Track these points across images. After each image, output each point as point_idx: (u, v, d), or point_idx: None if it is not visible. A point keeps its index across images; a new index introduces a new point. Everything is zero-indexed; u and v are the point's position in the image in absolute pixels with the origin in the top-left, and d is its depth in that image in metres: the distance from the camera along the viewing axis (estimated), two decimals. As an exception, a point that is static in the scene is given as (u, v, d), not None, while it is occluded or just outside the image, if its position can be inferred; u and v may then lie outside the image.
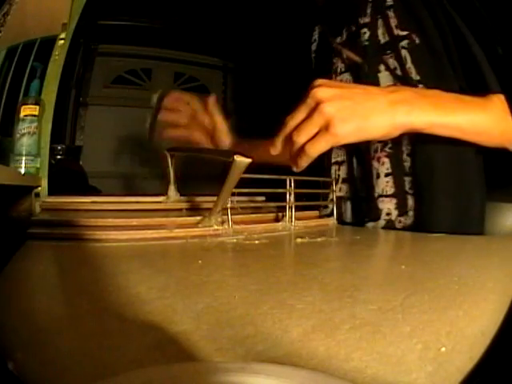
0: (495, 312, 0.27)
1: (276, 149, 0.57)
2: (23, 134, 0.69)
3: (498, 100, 0.49)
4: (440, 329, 0.24)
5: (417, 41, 0.59)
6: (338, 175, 0.74)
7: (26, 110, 0.70)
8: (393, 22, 0.60)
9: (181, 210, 0.71)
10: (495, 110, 0.49)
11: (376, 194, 0.66)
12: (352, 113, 0.48)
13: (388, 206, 0.64)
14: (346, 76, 0.67)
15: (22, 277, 0.36)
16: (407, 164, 0.63)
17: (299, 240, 0.57)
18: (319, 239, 0.58)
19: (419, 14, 0.59)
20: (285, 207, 0.69)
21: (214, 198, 0.59)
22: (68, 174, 1.42)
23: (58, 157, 1.49)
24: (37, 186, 0.68)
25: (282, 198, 0.70)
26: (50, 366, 0.20)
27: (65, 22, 0.75)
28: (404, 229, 0.64)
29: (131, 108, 1.99)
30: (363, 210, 0.68)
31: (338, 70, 0.69)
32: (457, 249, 0.57)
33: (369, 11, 0.63)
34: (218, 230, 0.59)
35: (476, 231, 0.62)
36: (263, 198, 0.85)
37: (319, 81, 0.51)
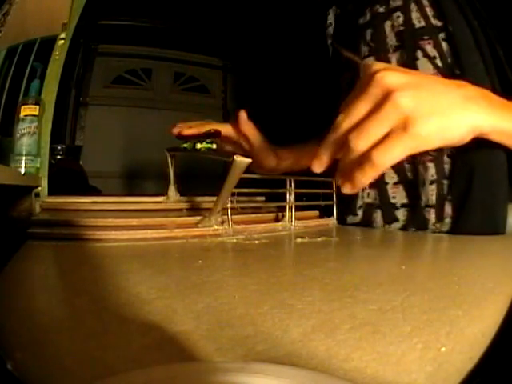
0: (495, 312, 0.27)
1: (321, 164, 0.41)
2: (23, 134, 0.69)
3: None
4: (440, 329, 0.24)
5: (455, 33, 0.54)
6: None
7: (26, 110, 0.70)
8: (429, 10, 0.56)
9: (181, 210, 0.71)
10: None
11: (423, 204, 0.61)
12: (432, 107, 0.35)
13: (432, 215, 0.61)
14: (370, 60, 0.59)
15: (21, 277, 0.36)
16: (447, 166, 0.59)
17: (299, 240, 0.57)
18: (319, 239, 0.58)
19: (450, 7, 0.55)
20: (285, 207, 0.69)
21: (214, 198, 0.59)
22: (68, 174, 1.42)
23: (58, 157, 1.49)
24: (37, 186, 0.68)
25: (282, 198, 0.70)
26: (50, 366, 0.20)
27: (65, 22, 0.75)
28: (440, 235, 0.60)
29: (131, 108, 1.99)
30: (408, 218, 0.63)
31: (362, 54, 0.61)
32: (457, 249, 0.57)
33: None
34: (217, 230, 0.59)
35: (501, 231, 0.59)
36: (263, 198, 0.85)
37: (380, 63, 0.39)
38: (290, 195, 0.69)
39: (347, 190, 0.38)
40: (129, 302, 0.28)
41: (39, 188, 0.69)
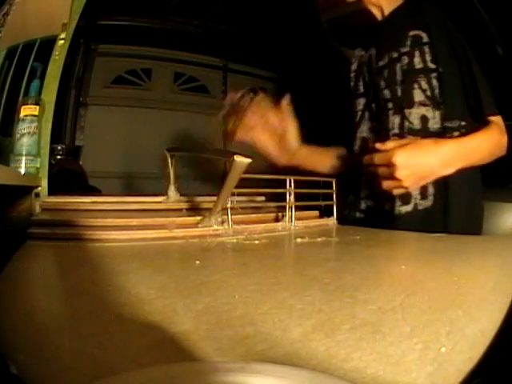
0: (495, 312, 0.27)
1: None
2: (23, 134, 0.69)
3: (494, 125, 0.72)
4: (440, 329, 0.24)
5: (442, 73, 0.76)
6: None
7: (26, 110, 0.70)
8: (428, 56, 0.76)
9: (181, 210, 0.71)
10: (492, 138, 0.71)
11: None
12: (418, 179, 0.70)
13: (415, 192, 0.76)
14: (385, 92, 0.81)
15: (22, 277, 0.36)
16: None
17: (299, 240, 0.57)
18: (319, 239, 0.58)
19: (443, 54, 0.76)
20: (285, 207, 0.69)
21: (214, 198, 0.59)
22: (68, 174, 1.42)
23: (58, 157, 1.49)
24: (37, 186, 0.68)
25: (282, 198, 0.70)
26: (50, 366, 0.20)
27: (65, 22, 0.75)
28: (425, 210, 0.76)
29: (131, 108, 1.99)
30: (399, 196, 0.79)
31: (380, 87, 0.82)
32: (457, 249, 0.57)
33: (408, 43, 0.78)
34: (217, 230, 0.59)
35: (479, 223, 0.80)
36: (263, 198, 0.85)
37: (392, 143, 0.71)
38: (289, 195, 0.69)
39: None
40: (128, 301, 0.28)
41: (39, 188, 0.69)
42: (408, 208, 0.76)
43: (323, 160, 0.93)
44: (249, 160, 0.53)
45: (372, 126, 0.84)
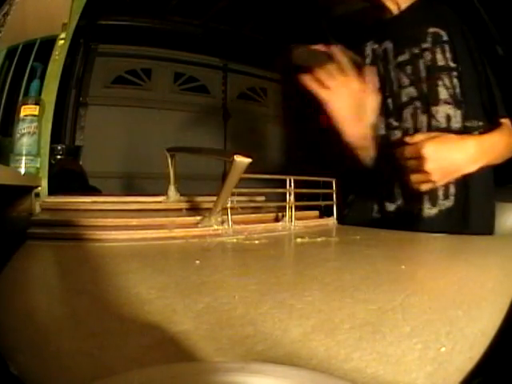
0: (495, 312, 0.27)
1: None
2: (23, 134, 0.69)
3: (505, 126, 0.73)
4: (440, 329, 0.24)
5: (462, 73, 0.77)
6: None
7: (26, 110, 0.70)
8: (448, 54, 0.77)
9: (181, 210, 0.71)
10: (505, 139, 0.72)
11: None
12: (445, 171, 0.68)
13: (440, 193, 0.77)
14: (411, 89, 0.80)
15: (22, 277, 0.36)
16: None
17: (299, 240, 0.57)
18: (319, 239, 0.58)
19: (463, 55, 0.77)
20: (285, 207, 0.69)
21: (214, 198, 0.59)
22: (68, 174, 1.42)
23: (58, 157, 1.49)
24: (37, 186, 0.68)
25: (282, 197, 0.70)
26: (50, 366, 0.20)
27: (65, 22, 0.75)
28: (447, 210, 0.77)
29: (131, 108, 1.99)
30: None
31: (403, 84, 0.81)
32: (457, 249, 0.57)
33: (429, 39, 0.78)
34: (217, 230, 0.59)
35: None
36: (263, 198, 0.85)
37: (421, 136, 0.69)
38: (290, 195, 0.69)
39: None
40: (129, 301, 0.28)
41: (39, 188, 0.69)
42: (435, 210, 0.76)
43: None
44: (249, 160, 0.53)
45: (388, 122, 0.81)
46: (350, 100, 0.76)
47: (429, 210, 0.76)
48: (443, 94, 0.76)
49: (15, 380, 0.18)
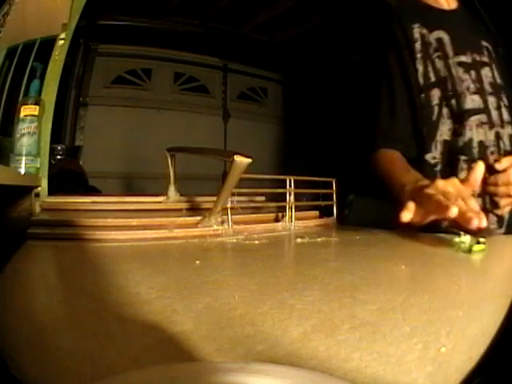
0: (495, 312, 0.27)
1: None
2: (23, 134, 0.69)
3: None
4: (440, 329, 0.24)
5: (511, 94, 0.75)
6: None
7: (26, 110, 0.70)
8: (501, 73, 0.74)
9: (181, 210, 0.71)
10: None
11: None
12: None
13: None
14: (475, 97, 0.74)
15: (22, 277, 0.36)
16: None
17: (299, 240, 0.57)
18: (319, 239, 0.58)
19: (506, 73, 0.75)
20: (285, 207, 0.69)
21: (214, 198, 0.59)
22: (68, 174, 1.42)
23: (58, 157, 1.49)
24: (37, 186, 0.68)
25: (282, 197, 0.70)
26: (50, 366, 0.20)
27: (65, 22, 0.75)
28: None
29: (131, 108, 1.99)
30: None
31: (467, 87, 0.75)
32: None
33: (485, 53, 0.74)
34: (217, 230, 0.59)
35: None
36: (263, 198, 0.85)
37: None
38: (289, 195, 0.69)
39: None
40: (129, 301, 0.28)
41: (39, 188, 0.69)
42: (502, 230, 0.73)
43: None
44: (249, 160, 0.53)
45: (454, 127, 0.72)
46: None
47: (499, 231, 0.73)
48: (505, 114, 0.73)
49: (15, 380, 0.18)
